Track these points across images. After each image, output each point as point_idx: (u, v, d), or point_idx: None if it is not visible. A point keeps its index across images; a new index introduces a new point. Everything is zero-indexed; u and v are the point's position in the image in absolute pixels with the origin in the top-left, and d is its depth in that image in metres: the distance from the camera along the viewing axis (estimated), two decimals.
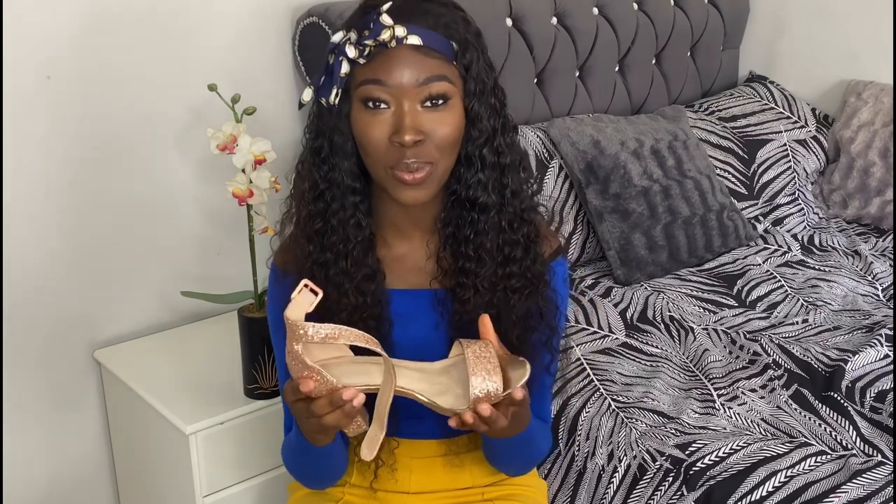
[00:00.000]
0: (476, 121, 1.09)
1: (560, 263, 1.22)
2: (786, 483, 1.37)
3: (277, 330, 1.20)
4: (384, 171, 1.08)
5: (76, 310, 1.77)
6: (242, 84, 1.73)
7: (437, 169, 1.08)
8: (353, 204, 1.12)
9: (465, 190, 1.12)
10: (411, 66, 1.04)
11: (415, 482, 1.28)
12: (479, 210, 1.12)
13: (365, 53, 1.04)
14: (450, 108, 1.07)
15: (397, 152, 1.06)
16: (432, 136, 1.06)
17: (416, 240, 1.18)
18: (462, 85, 1.08)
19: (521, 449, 1.23)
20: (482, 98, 1.09)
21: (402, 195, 1.09)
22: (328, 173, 1.12)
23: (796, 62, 2.67)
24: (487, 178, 1.11)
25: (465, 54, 1.08)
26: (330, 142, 1.11)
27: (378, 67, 1.04)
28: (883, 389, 1.61)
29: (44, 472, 1.81)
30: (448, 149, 1.08)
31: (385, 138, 1.06)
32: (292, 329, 0.98)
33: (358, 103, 1.07)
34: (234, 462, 1.60)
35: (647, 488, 1.45)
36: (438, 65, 1.05)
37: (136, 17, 1.70)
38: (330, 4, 1.85)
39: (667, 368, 1.72)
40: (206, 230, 1.89)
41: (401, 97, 1.05)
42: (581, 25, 2.23)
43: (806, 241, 2.32)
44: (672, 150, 2.16)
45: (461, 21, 1.09)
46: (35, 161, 1.65)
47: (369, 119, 1.06)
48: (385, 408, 1.00)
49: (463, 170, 1.11)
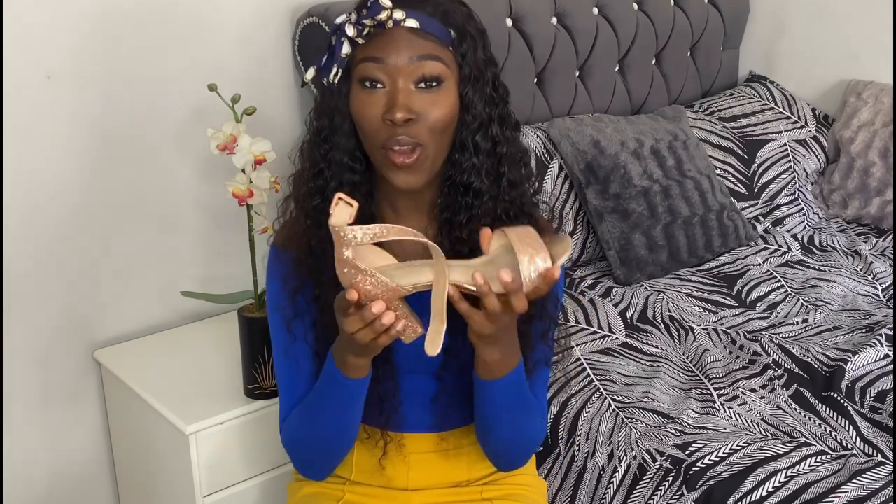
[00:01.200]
0: (470, 107, 1.12)
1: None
2: (786, 483, 1.37)
3: (275, 308, 1.21)
4: (379, 152, 1.10)
5: (76, 310, 1.77)
6: (242, 84, 1.73)
7: (427, 152, 1.10)
8: (351, 182, 1.14)
9: (459, 175, 1.14)
10: (407, 46, 1.07)
11: (413, 478, 1.28)
12: (473, 195, 1.14)
13: (364, 33, 1.07)
14: (443, 90, 1.09)
15: (389, 130, 1.08)
16: (424, 117, 1.08)
17: (414, 223, 1.20)
18: (457, 71, 1.11)
19: (513, 413, 1.19)
20: (477, 85, 1.12)
21: (396, 178, 1.11)
22: (328, 152, 1.14)
23: (796, 62, 2.67)
24: (481, 164, 1.13)
25: (462, 43, 1.10)
26: (330, 121, 1.13)
27: (375, 46, 1.08)
28: (883, 389, 1.61)
29: (44, 472, 1.81)
30: (440, 132, 1.10)
31: (379, 116, 1.08)
32: (339, 235, 0.98)
33: (356, 83, 1.10)
34: (234, 462, 1.60)
35: (647, 488, 1.45)
36: (434, 46, 1.08)
37: (136, 18, 1.70)
38: (330, 4, 1.85)
39: (667, 368, 1.72)
40: (206, 230, 1.89)
41: (395, 76, 1.07)
42: (581, 25, 2.23)
43: (806, 241, 2.32)
44: (672, 150, 2.16)
45: (462, 13, 1.12)
46: (35, 161, 1.65)
47: (365, 98, 1.09)
48: (442, 302, 1.00)
49: (458, 155, 1.14)
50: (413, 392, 1.24)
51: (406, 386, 1.23)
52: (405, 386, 1.23)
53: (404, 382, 1.22)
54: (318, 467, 1.27)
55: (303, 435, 1.23)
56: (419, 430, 1.27)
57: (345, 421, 1.19)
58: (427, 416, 1.25)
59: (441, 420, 1.26)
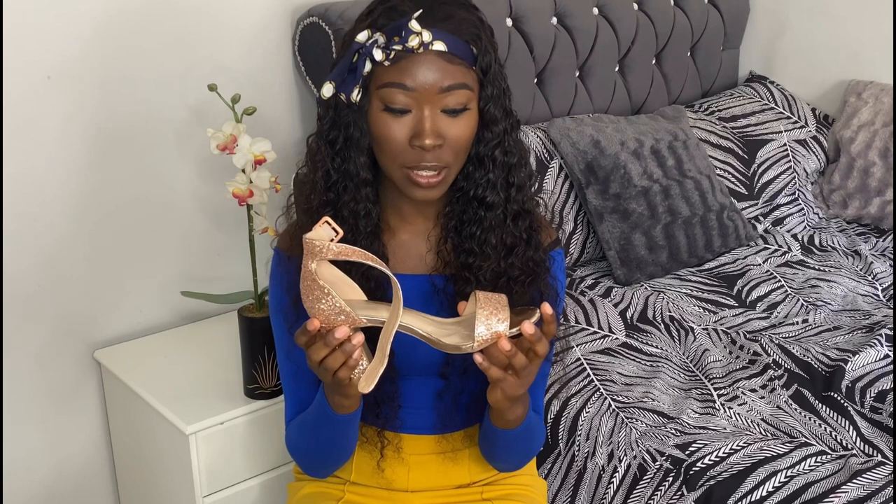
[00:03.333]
0: (491, 124, 1.13)
1: (559, 252, 1.24)
2: (786, 483, 1.37)
3: (278, 311, 1.21)
4: (399, 171, 1.10)
5: (76, 309, 1.77)
6: (242, 84, 1.73)
7: (451, 172, 1.12)
8: (366, 196, 1.14)
9: (473, 188, 1.15)
10: (435, 73, 1.06)
11: (413, 479, 1.29)
12: (486, 208, 1.15)
13: (391, 57, 1.06)
14: (467, 113, 1.10)
15: (416, 155, 1.08)
16: (449, 139, 1.09)
17: (419, 228, 1.21)
18: (479, 89, 1.11)
19: (522, 442, 1.24)
20: (498, 101, 1.12)
21: (415, 194, 1.12)
22: (341, 165, 1.14)
23: (796, 62, 2.67)
24: (496, 178, 1.15)
25: (484, 57, 1.10)
26: (346, 135, 1.13)
27: (402, 72, 1.06)
28: (883, 389, 1.61)
29: (44, 472, 1.81)
30: (462, 151, 1.11)
31: (405, 140, 1.08)
32: (309, 246, 0.99)
33: (378, 103, 1.09)
34: (234, 462, 1.60)
35: (647, 488, 1.45)
36: (461, 72, 1.08)
37: (136, 18, 1.70)
38: (330, 4, 1.85)
39: (667, 368, 1.72)
40: (206, 230, 1.89)
41: (422, 102, 1.07)
42: (581, 25, 2.23)
43: (806, 241, 2.32)
44: (672, 150, 2.16)
45: (479, 23, 1.12)
46: (35, 161, 1.65)
47: (390, 120, 1.08)
48: (387, 341, 1.01)
49: (473, 168, 1.14)
50: (413, 394, 1.24)
51: (406, 388, 1.23)
52: (405, 388, 1.23)
53: (404, 385, 1.22)
54: (318, 472, 1.29)
55: (301, 446, 1.25)
56: (419, 433, 1.27)
57: (339, 444, 1.21)
58: (427, 418, 1.26)
59: (441, 422, 1.26)
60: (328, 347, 1.01)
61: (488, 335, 1.00)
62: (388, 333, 1.01)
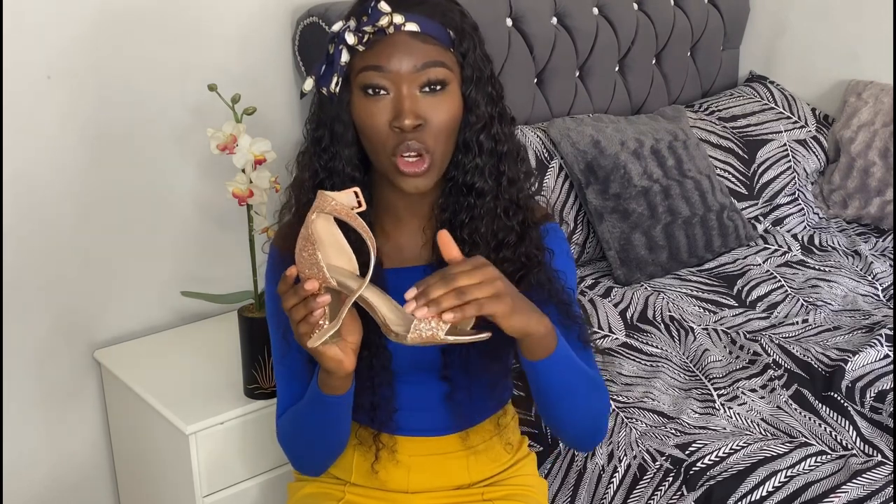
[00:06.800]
0: (473, 107, 1.12)
1: (557, 244, 1.21)
2: (786, 483, 1.37)
3: (273, 314, 1.21)
4: (387, 159, 1.10)
5: (76, 309, 1.77)
6: (242, 84, 1.73)
7: (435, 156, 1.10)
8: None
9: (462, 175, 1.14)
10: (410, 52, 1.07)
11: (413, 481, 1.28)
12: (475, 195, 1.14)
13: (364, 40, 1.07)
14: (447, 94, 1.09)
15: (398, 137, 1.08)
16: (430, 121, 1.08)
17: (413, 226, 1.20)
18: (459, 72, 1.11)
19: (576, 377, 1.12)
20: (479, 85, 1.12)
21: (405, 184, 1.11)
22: (328, 162, 1.14)
23: (796, 62, 2.67)
24: (484, 164, 1.14)
25: (462, 42, 1.11)
26: (331, 131, 1.13)
27: (377, 54, 1.07)
28: (883, 389, 1.61)
29: (44, 472, 1.81)
30: (446, 135, 1.10)
31: (386, 124, 1.08)
32: (320, 199, 1.01)
33: (358, 91, 1.09)
34: (234, 462, 1.60)
35: (647, 488, 1.45)
36: (436, 51, 1.08)
37: (136, 18, 1.70)
38: (330, 4, 1.85)
39: (667, 368, 1.72)
40: (206, 230, 1.89)
41: (399, 83, 1.07)
42: (581, 25, 2.23)
43: (806, 241, 2.32)
44: (672, 150, 2.16)
45: (457, 12, 1.12)
46: (35, 161, 1.65)
47: (369, 106, 1.08)
48: (345, 307, 1.02)
49: (461, 156, 1.14)
50: (411, 397, 1.23)
51: (406, 391, 1.23)
52: (405, 391, 1.22)
53: (404, 388, 1.22)
54: (310, 467, 1.29)
55: (293, 439, 1.25)
56: (418, 434, 1.27)
57: (329, 435, 1.20)
58: (426, 420, 1.25)
59: (440, 424, 1.26)
60: (297, 298, 1.02)
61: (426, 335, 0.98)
62: (348, 301, 1.02)
